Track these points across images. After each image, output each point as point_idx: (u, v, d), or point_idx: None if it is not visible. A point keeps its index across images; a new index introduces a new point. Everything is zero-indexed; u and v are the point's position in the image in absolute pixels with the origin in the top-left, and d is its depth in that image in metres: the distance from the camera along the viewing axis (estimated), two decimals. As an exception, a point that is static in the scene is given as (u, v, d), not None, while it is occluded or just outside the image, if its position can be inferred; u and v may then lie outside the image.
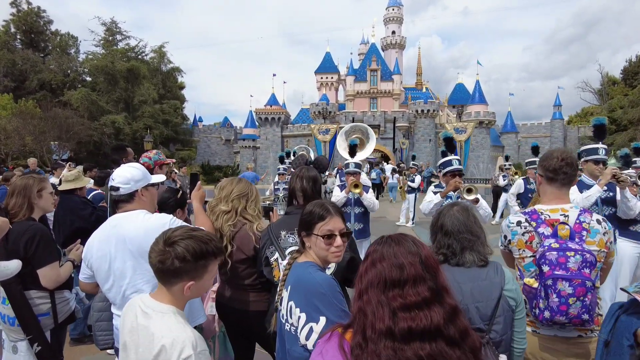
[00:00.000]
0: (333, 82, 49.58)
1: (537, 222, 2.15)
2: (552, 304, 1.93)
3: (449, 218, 1.94)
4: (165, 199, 3.12)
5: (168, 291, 1.52)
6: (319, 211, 1.78)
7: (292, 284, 1.71)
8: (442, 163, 4.37)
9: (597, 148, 4.04)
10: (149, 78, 41.56)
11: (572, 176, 2.20)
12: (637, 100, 37.63)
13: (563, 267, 1.92)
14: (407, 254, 1.23)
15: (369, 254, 1.29)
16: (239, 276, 2.67)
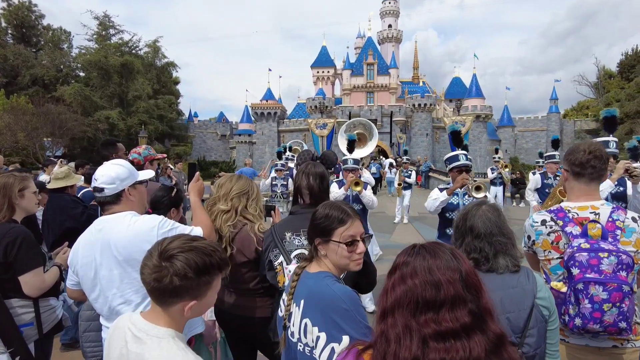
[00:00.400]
0: (329, 76, 49.26)
1: (563, 220, 1.97)
2: (584, 310, 1.75)
3: (479, 219, 1.73)
4: (158, 197, 2.91)
5: (164, 312, 1.29)
6: (338, 215, 1.56)
7: (307, 299, 1.49)
8: (448, 158, 4.17)
9: (608, 141, 3.90)
10: (143, 73, 41.04)
11: (601, 170, 2.01)
12: (633, 93, 37.60)
13: (595, 270, 1.74)
14: (445, 269, 1.02)
15: (398, 267, 1.09)
16: (240, 280, 2.48)
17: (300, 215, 2.22)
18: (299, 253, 2.13)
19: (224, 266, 1.35)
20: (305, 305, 1.49)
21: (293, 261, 2.11)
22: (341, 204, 1.63)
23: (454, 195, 3.92)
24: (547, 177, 7.43)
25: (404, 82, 47.68)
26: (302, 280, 1.58)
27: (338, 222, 1.55)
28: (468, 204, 1.86)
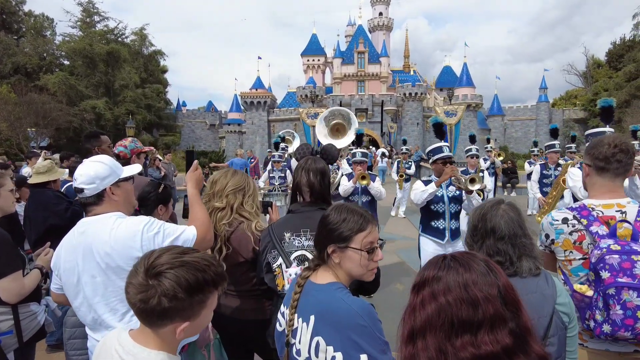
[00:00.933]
0: (320, 64, 48.81)
1: (588, 219, 1.85)
2: (614, 316, 1.64)
3: (502, 219, 1.59)
4: (145, 193, 2.74)
5: (154, 333, 1.15)
6: (357, 219, 1.41)
7: (319, 315, 1.34)
8: (431, 150, 4.21)
9: (604, 132, 3.80)
10: (130, 61, 40.15)
11: (627, 165, 1.89)
12: (621, 82, 37.89)
13: (628, 274, 1.62)
14: (482, 284, 0.90)
15: (427, 282, 0.96)
16: (236, 282, 2.35)
17: (300, 214, 2.08)
18: (299, 255, 1.99)
19: (220, 282, 1.20)
20: (316, 322, 1.34)
21: (293, 263, 1.98)
22: (356, 207, 1.48)
23: (440, 187, 3.99)
24: (547, 168, 7.37)
25: (394, 71, 47.44)
26: (309, 293, 1.43)
27: (358, 229, 1.40)
28: (484, 203, 1.72)
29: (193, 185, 2.06)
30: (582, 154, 7.67)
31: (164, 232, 1.75)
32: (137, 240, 1.68)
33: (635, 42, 39.25)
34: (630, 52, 38.91)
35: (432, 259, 1.03)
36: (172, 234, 1.77)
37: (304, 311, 1.40)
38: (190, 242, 1.80)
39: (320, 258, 1.46)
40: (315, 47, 48.93)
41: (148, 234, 1.70)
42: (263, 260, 2.06)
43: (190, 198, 2.04)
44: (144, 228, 1.71)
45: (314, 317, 1.35)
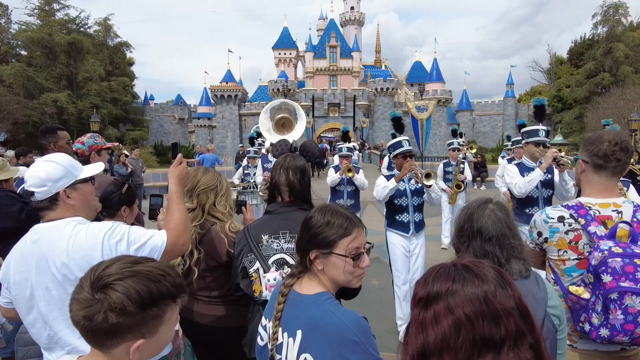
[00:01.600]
0: (292, 58, 48.37)
1: (585, 219, 1.79)
2: (614, 321, 1.59)
3: (489, 219, 1.52)
4: (107, 194, 2.54)
5: (105, 356, 1.00)
6: (342, 223, 1.30)
7: (307, 330, 1.23)
8: (392, 144, 4.32)
9: (538, 130, 4.03)
10: (94, 53, 38.44)
11: (625, 164, 1.84)
12: (582, 80, 39.38)
13: (631, 278, 1.57)
14: (501, 297, 0.82)
15: (440, 296, 0.85)
16: (209, 287, 2.21)
17: (278, 215, 1.96)
18: (278, 258, 1.87)
19: (178, 294, 1.06)
20: (304, 337, 1.22)
21: (272, 268, 1.85)
22: (341, 208, 1.36)
23: (400, 181, 4.10)
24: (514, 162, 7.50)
25: (366, 66, 47.61)
26: (295, 305, 1.30)
27: (343, 233, 1.29)
28: (471, 202, 1.65)
29: (175, 182, 1.83)
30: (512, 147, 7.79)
31: (128, 238, 1.58)
32: (97, 249, 1.51)
33: (594, 41, 40.84)
34: (589, 51, 40.46)
35: (438, 268, 0.92)
36: (137, 240, 1.60)
37: (289, 325, 1.27)
38: (159, 249, 1.63)
39: (303, 264, 1.34)
40: (287, 41, 48.43)
41: (110, 242, 1.53)
42: (238, 264, 1.93)
43: (170, 196, 1.83)
44: (105, 235, 1.54)
45: (301, 331, 1.23)
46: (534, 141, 3.98)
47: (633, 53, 36.26)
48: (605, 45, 37.96)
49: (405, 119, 25.51)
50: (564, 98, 41.14)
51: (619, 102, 26.96)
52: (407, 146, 4.13)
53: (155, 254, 1.61)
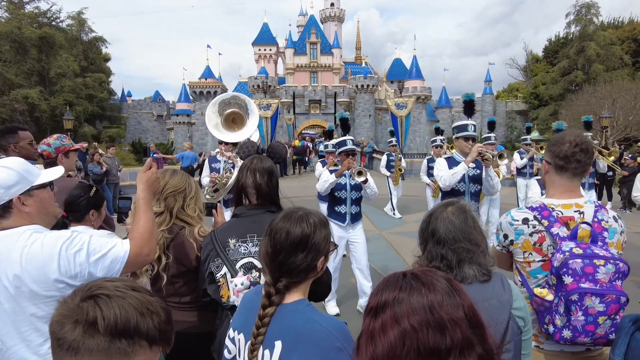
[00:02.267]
0: (272, 54, 48.06)
1: (549, 220, 1.80)
2: (575, 322, 1.61)
3: (442, 223, 1.53)
4: (74, 197, 2.46)
5: None
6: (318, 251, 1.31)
7: (287, 340, 1.19)
8: (337, 143, 4.74)
9: (467, 125, 4.14)
10: (67, 48, 37.28)
11: (585, 165, 1.87)
12: (557, 77, 40.32)
13: (591, 279, 1.59)
14: (448, 306, 0.82)
15: (387, 305, 0.84)
16: (178, 293, 2.15)
17: (246, 218, 1.92)
18: (246, 262, 1.84)
19: (158, 341, 0.91)
20: (285, 348, 1.19)
21: (239, 272, 1.82)
22: (314, 216, 1.35)
23: (342, 176, 4.59)
24: None
25: (346, 63, 47.67)
26: (277, 316, 1.26)
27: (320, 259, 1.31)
28: (436, 205, 1.66)
29: (143, 188, 1.74)
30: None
31: (88, 248, 1.50)
32: (54, 260, 1.43)
33: (568, 39, 41.83)
34: (563, 49, 41.43)
35: (389, 278, 0.92)
36: (98, 250, 1.52)
37: (272, 336, 1.23)
38: (121, 260, 1.55)
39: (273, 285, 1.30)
40: (267, 37, 48.07)
41: (68, 252, 1.46)
42: (205, 269, 1.89)
43: (137, 202, 1.74)
44: (62, 246, 1.46)
45: (280, 342, 1.20)
46: (463, 136, 4.12)
47: (604, 52, 37.31)
48: (578, 44, 38.95)
49: (385, 115, 25.71)
50: (540, 95, 42.07)
51: (591, 99, 27.69)
52: (351, 145, 4.58)
53: (116, 264, 1.55)
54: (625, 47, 38.45)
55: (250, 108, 4.87)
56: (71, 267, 1.45)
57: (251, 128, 4.89)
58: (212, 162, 5.97)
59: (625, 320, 1.60)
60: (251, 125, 4.87)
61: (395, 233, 8.53)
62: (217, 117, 4.83)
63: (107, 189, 10.75)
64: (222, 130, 4.94)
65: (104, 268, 1.51)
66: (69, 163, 3.34)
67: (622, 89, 27.31)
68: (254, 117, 4.80)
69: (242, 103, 4.89)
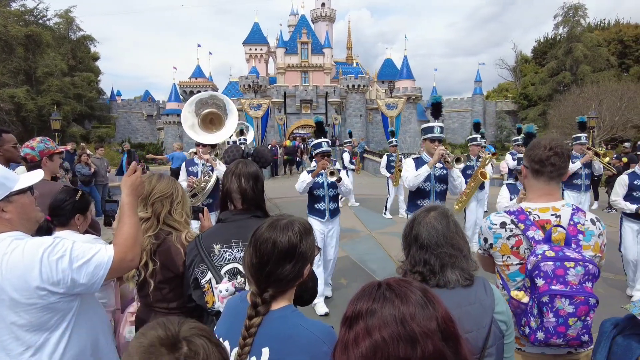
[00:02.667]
0: (262, 54, 47.94)
1: (525, 224, 1.84)
2: (547, 324, 1.64)
3: (424, 227, 1.55)
4: (59, 201, 2.43)
5: None
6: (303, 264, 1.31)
7: (274, 346, 1.19)
8: (314, 144, 5.07)
9: (433, 127, 4.28)
10: (55, 47, 36.84)
11: (561, 168, 1.90)
12: (545, 78, 40.83)
13: (561, 281, 1.62)
14: (420, 318, 0.83)
15: (360, 315, 0.86)
16: (165, 299, 2.13)
17: (231, 224, 1.92)
18: (231, 268, 1.84)
19: None
20: (273, 353, 1.19)
21: (224, 278, 1.82)
22: (300, 226, 1.34)
23: (319, 175, 4.91)
24: (469, 159, 7.82)
25: (338, 63, 47.72)
26: (265, 323, 1.26)
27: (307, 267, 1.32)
28: (418, 210, 1.67)
29: (127, 192, 1.72)
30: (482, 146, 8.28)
31: (70, 255, 1.49)
32: (35, 268, 1.42)
33: (556, 40, 42.38)
34: (552, 50, 41.97)
35: (365, 287, 0.93)
36: (81, 256, 1.51)
37: (260, 344, 1.22)
38: (105, 266, 1.55)
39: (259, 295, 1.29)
40: (258, 36, 47.93)
41: (50, 259, 1.44)
42: (190, 275, 1.88)
43: (121, 207, 1.73)
44: (44, 253, 1.44)
45: (268, 349, 1.19)
46: (430, 137, 4.27)
47: (591, 53, 37.86)
48: (566, 45, 39.47)
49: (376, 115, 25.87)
50: (529, 95, 42.54)
51: (578, 100, 28.08)
52: (326, 147, 4.95)
53: (100, 270, 1.54)
54: (612, 48, 39.05)
55: (229, 108, 4.56)
56: (53, 274, 1.44)
57: (230, 129, 4.56)
58: (189, 165, 5.55)
59: (606, 324, 1.63)
60: (230, 126, 4.54)
61: (386, 233, 8.56)
62: (193, 117, 4.58)
63: (96, 190, 10.62)
64: (198, 132, 4.63)
65: (87, 274, 1.51)
66: (53, 166, 3.30)
67: (608, 90, 27.73)
68: (232, 118, 4.51)
69: (221, 103, 4.59)
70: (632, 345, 1.48)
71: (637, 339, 1.49)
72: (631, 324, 1.55)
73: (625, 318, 1.59)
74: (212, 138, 4.73)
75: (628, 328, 1.55)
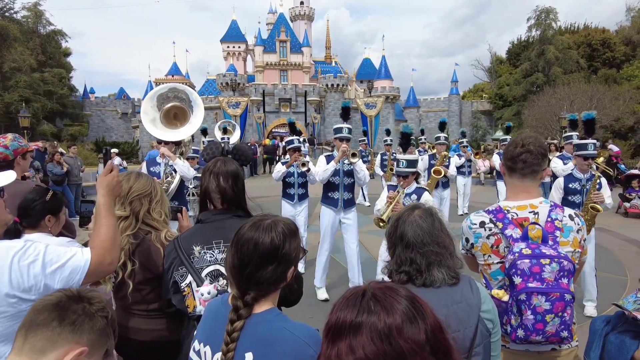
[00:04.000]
0: (241, 52, 47.46)
1: (503, 222, 1.85)
2: (526, 321, 1.65)
3: (410, 226, 1.53)
4: (28, 202, 2.31)
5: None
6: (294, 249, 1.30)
7: (258, 351, 1.15)
8: (287, 141, 6.33)
9: (342, 128, 5.08)
10: (23, 41, 35.44)
11: (533, 165, 1.89)
12: (519, 79, 41.81)
13: (538, 278, 1.63)
14: (407, 332, 0.78)
15: (343, 329, 0.81)
16: (145, 301, 2.07)
17: (211, 224, 1.86)
18: (212, 270, 1.78)
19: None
20: (257, 358, 1.15)
21: (205, 281, 1.76)
22: (286, 227, 1.30)
23: (292, 167, 6.05)
24: (434, 158, 8.36)
25: (317, 62, 47.72)
26: (248, 327, 1.21)
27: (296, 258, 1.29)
28: (402, 209, 1.66)
29: (103, 193, 1.64)
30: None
31: (44, 259, 1.40)
32: (4, 273, 1.33)
33: (529, 42, 43.41)
34: (525, 52, 43.00)
35: (348, 294, 0.89)
36: (55, 260, 1.42)
37: (236, 347, 1.18)
38: (81, 270, 1.46)
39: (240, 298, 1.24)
40: (236, 34, 47.41)
41: (21, 264, 1.35)
42: (169, 279, 1.81)
43: (97, 209, 1.64)
44: (14, 257, 1.36)
45: (252, 354, 1.15)
46: (339, 137, 5.08)
47: (562, 55, 38.99)
48: (539, 47, 40.52)
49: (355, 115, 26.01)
50: (504, 96, 43.47)
51: (551, 100, 28.86)
52: (297, 143, 6.11)
53: (76, 275, 1.45)
54: (581, 51, 40.31)
55: (192, 99, 4.09)
56: (24, 280, 1.35)
57: (195, 124, 4.11)
58: (150, 165, 5.24)
59: (597, 322, 1.65)
60: (196, 121, 4.10)
61: (365, 232, 8.57)
62: (154, 112, 4.09)
63: (69, 190, 10.28)
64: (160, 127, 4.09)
65: (62, 279, 1.42)
66: (25, 164, 3.17)
67: (579, 91, 28.62)
68: (199, 111, 4.09)
69: (183, 95, 4.07)
70: (626, 341, 1.49)
71: (630, 335, 1.50)
72: (622, 321, 1.56)
73: (616, 315, 1.60)
74: (174, 135, 4.18)
75: (619, 325, 1.56)
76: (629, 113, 28.79)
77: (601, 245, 7.61)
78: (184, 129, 4.11)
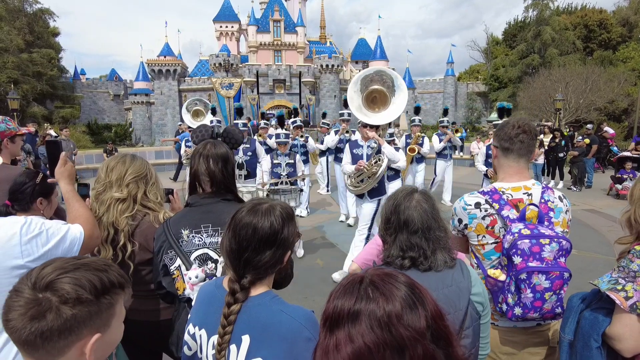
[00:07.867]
0: (234, 32, 46.59)
1: (499, 203, 1.87)
2: (525, 300, 1.69)
3: (415, 211, 1.50)
4: (18, 185, 2.29)
5: None
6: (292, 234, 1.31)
7: (255, 334, 1.16)
8: (292, 121, 7.60)
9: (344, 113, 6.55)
10: (9, 20, 34.52)
11: (529, 145, 1.94)
12: (515, 60, 41.53)
13: (537, 258, 1.67)
14: (408, 319, 0.76)
15: (340, 317, 0.79)
16: (144, 281, 2.10)
17: (199, 208, 1.86)
18: (201, 254, 1.78)
19: (125, 283, 1.01)
20: (253, 342, 1.15)
21: (194, 264, 1.76)
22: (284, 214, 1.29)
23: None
24: (410, 137, 9.27)
25: (311, 42, 47.04)
26: (244, 311, 1.21)
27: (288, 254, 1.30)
28: (396, 192, 1.64)
29: (67, 182, 1.90)
30: None
31: (47, 231, 1.52)
32: (14, 245, 1.41)
33: (525, 23, 42.95)
34: (521, 33, 42.56)
35: (345, 282, 0.87)
36: (56, 233, 1.54)
37: (239, 331, 1.18)
38: (78, 241, 1.61)
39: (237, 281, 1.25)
40: (229, 13, 46.46)
41: (28, 237, 1.45)
42: (159, 261, 1.82)
43: (66, 196, 1.83)
44: (22, 230, 1.45)
45: (248, 336, 1.16)
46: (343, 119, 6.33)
47: (558, 37, 38.67)
48: (535, 28, 40.12)
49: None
50: (500, 77, 43.23)
51: (547, 82, 28.74)
52: (299, 122, 8.25)
53: (75, 246, 1.59)
54: (578, 32, 39.98)
55: (397, 84, 4.20)
56: (34, 251, 1.46)
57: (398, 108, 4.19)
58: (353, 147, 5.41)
59: (574, 299, 1.69)
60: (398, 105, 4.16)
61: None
62: (358, 97, 4.22)
63: (61, 173, 10.17)
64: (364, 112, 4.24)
65: (64, 250, 1.54)
66: (15, 148, 3.12)
67: (574, 73, 28.49)
68: (401, 95, 4.15)
69: (388, 79, 4.22)
70: (599, 318, 1.54)
71: (604, 312, 1.55)
72: (597, 298, 1.61)
73: (592, 293, 1.65)
74: (380, 118, 4.36)
75: (594, 302, 1.61)
76: (623, 95, 28.83)
77: (590, 226, 7.75)
78: (385, 112, 4.30)
